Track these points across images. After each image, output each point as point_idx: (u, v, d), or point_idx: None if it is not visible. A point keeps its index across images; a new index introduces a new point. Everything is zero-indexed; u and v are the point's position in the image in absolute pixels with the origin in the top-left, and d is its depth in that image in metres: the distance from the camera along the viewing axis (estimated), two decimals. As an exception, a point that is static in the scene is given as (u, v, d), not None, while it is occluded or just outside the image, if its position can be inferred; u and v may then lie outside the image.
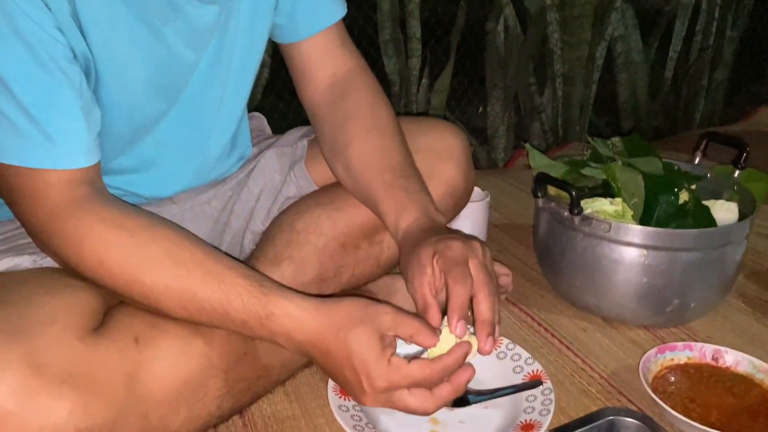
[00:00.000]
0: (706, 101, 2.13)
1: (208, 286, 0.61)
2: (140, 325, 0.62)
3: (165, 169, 0.80)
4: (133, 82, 0.68)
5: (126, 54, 0.66)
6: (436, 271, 0.66)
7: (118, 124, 0.72)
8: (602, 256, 0.90)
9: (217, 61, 0.75)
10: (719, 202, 0.95)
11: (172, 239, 0.63)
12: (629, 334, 0.92)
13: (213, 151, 0.84)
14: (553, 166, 1.02)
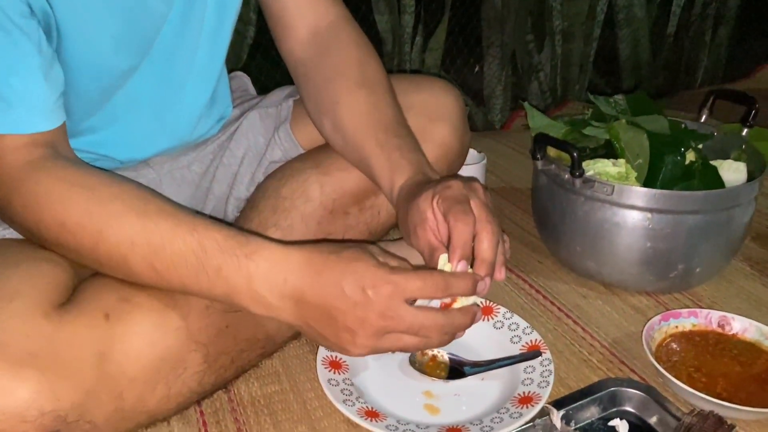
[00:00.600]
0: (709, 58, 2.07)
1: (178, 236, 0.56)
2: (111, 299, 0.58)
3: (139, 128, 0.75)
4: (98, 36, 0.63)
5: (89, 6, 0.60)
6: (437, 214, 0.62)
7: (85, 83, 0.67)
8: (604, 220, 0.86)
9: (189, 11, 0.70)
10: (727, 162, 0.90)
11: (136, 195, 0.59)
12: (631, 301, 0.89)
13: (189, 109, 0.79)
14: (553, 126, 0.97)
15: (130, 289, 0.59)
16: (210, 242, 0.56)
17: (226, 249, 0.56)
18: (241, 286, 0.57)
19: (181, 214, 0.58)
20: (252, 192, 0.83)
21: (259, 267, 0.56)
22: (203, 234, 0.57)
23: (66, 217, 0.56)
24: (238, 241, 0.57)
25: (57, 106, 0.58)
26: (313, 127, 0.84)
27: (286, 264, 0.57)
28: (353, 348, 0.57)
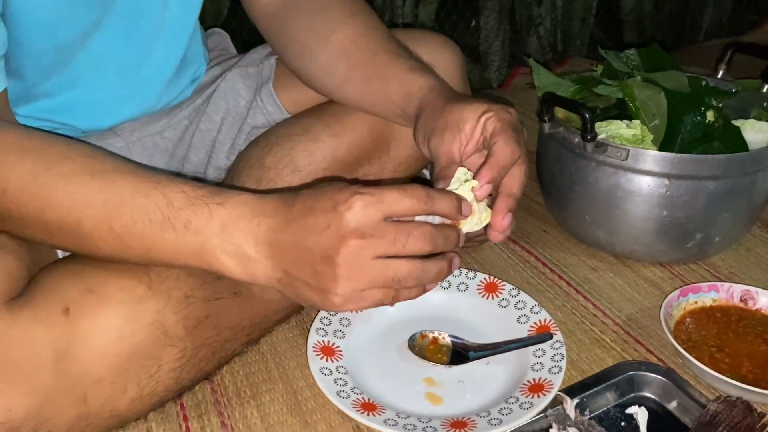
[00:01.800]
0: (714, 11, 1.97)
1: (140, 191, 0.50)
2: (72, 291, 0.51)
3: (102, 92, 0.67)
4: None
5: None
6: (475, 134, 0.58)
7: (37, 40, 0.59)
8: (617, 186, 0.79)
9: None
10: (749, 121, 0.83)
11: (88, 153, 0.52)
12: (645, 273, 0.83)
13: (158, 70, 0.71)
14: (560, 84, 0.89)
15: (97, 278, 0.52)
16: (176, 194, 0.50)
17: (195, 199, 0.50)
18: (213, 238, 0.50)
19: (140, 171, 0.51)
20: (233, 161, 0.75)
21: (233, 213, 0.50)
22: (168, 187, 0.50)
23: (7, 185, 0.49)
24: (209, 191, 0.51)
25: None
26: (299, 89, 0.76)
27: (259, 206, 0.50)
28: (335, 285, 0.48)
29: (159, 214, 0.49)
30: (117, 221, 0.49)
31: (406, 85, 0.64)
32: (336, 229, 0.47)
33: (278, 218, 0.50)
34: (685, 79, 0.83)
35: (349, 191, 0.48)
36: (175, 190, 0.50)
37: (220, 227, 0.50)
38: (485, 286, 0.75)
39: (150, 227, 0.49)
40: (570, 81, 0.91)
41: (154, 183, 0.50)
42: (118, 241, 0.50)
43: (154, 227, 0.49)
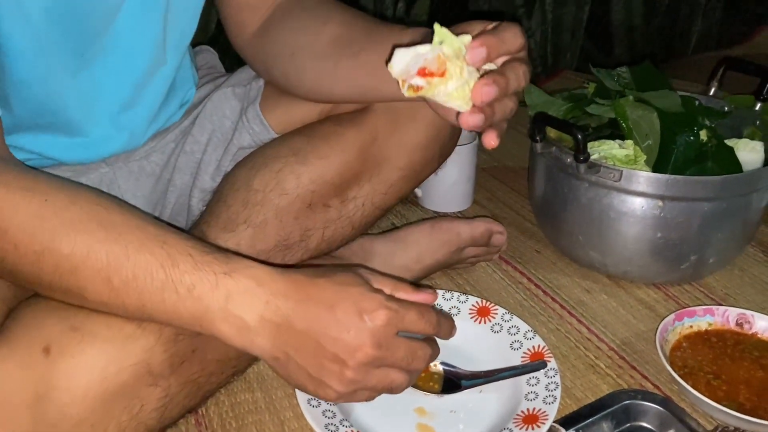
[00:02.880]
0: (703, 22, 1.98)
1: (145, 247, 0.48)
2: (55, 329, 0.48)
3: (90, 131, 0.65)
4: (33, 17, 0.53)
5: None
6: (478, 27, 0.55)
7: (22, 72, 0.57)
8: (610, 207, 0.78)
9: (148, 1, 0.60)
10: (743, 141, 0.82)
11: (98, 201, 0.50)
12: (639, 294, 0.82)
13: (148, 102, 0.69)
14: (552, 103, 0.88)
15: (82, 315, 0.50)
16: (183, 257, 0.49)
17: (202, 264, 0.49)
18: (216, 307, 0.49)
19: (149, 225, 0.50)
20: (219, 183, 0.73)
21: (239, 286, 0.49)
22: (176, 247, 0.49)
23: (9, 225, 0.47)
24: (216, 257, 0.50)
25: None
26: (287, 108, 0.75)
27: (270, 284, 0.49)
28: (337, 383, 0.50)
29: (162, 274, 0.48)
30: (117, 274, 0.48)
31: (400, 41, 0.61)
32: (356, 337, 0.49)
33: (291, 302, 0.49)
34: (677, 98, 0.83)
35: (375, 301, 0.50)
36: (181, 251, 0.49)
37: (224, 297, 0.48)
38: (477, 310, 0.73)
39: (150, 285, 0.48)
40: (561, 99, 0.90)
41: (161, 241, 0.49)
42: (113, 294, 0.48)
43: (155, 286, 0.48)
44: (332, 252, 0.74)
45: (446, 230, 0.80)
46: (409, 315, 0.50)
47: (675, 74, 1.60)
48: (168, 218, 0.76)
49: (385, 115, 0.70)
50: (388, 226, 0.96)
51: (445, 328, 0.55)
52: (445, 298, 0.74)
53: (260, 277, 0.49)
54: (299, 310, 0.49)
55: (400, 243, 0.79)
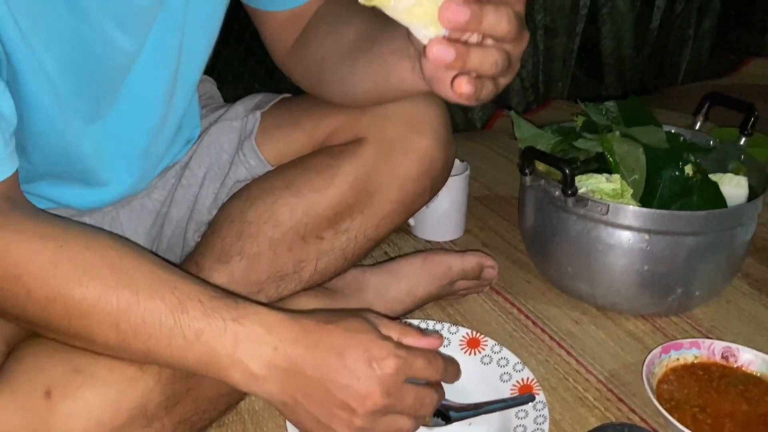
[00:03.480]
0: (692, 52, 2.02)
1: (156, 293, 0.49)
2: (57, 371, 0.49)
3: (104, 179, 0.67)
4: (50, 71, 0.54)
5: (38, 37, 0.51)
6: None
7: (39, 124, 0.57)
8: (598, 240, 0.80)
9: (163, 46, 0.61)
10: (727, 176, 0.84)
11: (112, 246, 0.51)
12: (627, 326, 0.83)
13: (160, 149, 0.71)
14: (541, 136, 0.90)
15: (85, 356, 0.51)
16: (193, 302, 0.49)
17: (211, 311, 0.49)
18: (224, 353, 0.50)
19: (160, 270, 0.51)
20: (214, 215, 0.75)
21: (248, 332, 0.49)
22: (186, 292, 0.50)
23: (23, 272, 0.48)
24: (225, 303, 0.50)
25: (9, 152, 0.49)
26: (283, 141, 0.76)
27: (279, 330, 0.50)
28: (346, 430, 0.50)
29: (171, 319, 0.48)
30: (125, 319, 0.48)
31: None
32: (365, 385, 0.49)
33: (300, 349, 0.50)
34: (663, 134, 0.85)
35: (385, 349, 0.50)
36: (191, 297, 0.49)
37: (232, 343, 0.49)
38: (467, 341, 0.75)
39: (158, 330, 0.48)
40: (551, 132, 0.92)
41: (171, 286, 0.49)
42: (120, 338, 0.49)
43: (163, 331, 0.48)
44: (325, 283, 0.76)
45: (438, 264, 0.81)
46: (417, 362, 0.51)
47: (664, 104, 1.63)
48: (163, 251, 0.77)
49: (378, 147, 0.72)
50: (381, 254, 0.97)
51: (451, 373, 0.56)
52: (435, 329, 0.75)
53: (269, 322, 0.50)
54: (308, 357, 0.49)
55: (393, 275, 0.80)
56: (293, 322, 0.51)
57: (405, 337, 0.54)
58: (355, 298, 0.78)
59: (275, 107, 0.78)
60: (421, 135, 0.72)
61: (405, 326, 0.55)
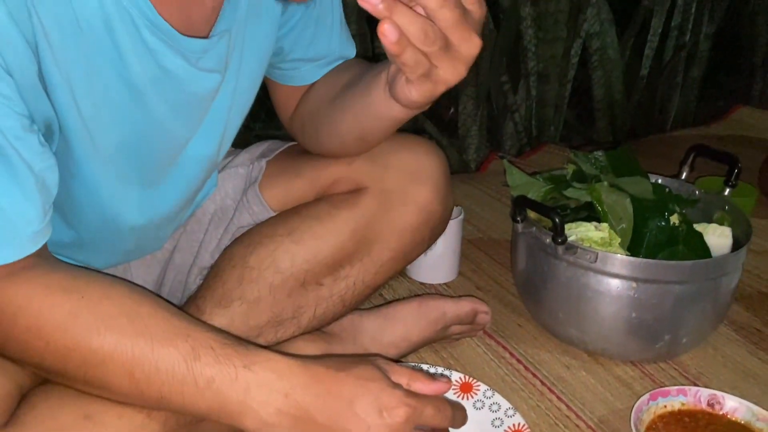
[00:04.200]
0: (681, 99, 2.08)
1: (170, 341, 0.51)
2: (68, 417, 0.51)
3: (136, 246, 0.70)
4: (105, 153, 0.57)
5: (98, 121, 0.54)
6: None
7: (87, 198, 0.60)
8: (588, 287, 0.82)
9: (212, 129, 0.65)
10: (712, 226, 0.88)
11: (129, 296, 0.53)
12: (616, 372, 0.85)
13: (188, 211, 0.75)
14: (532, 184, 0.94)
15: (96, 404, 0.53)
16: (205, 350, 0.51)
17: (223, 358, 0.51)
18: (234, 400, 0.51)
19: (175, 318, 0.53)
20: (216, 259, 0.77)
21: (259, 379, 0.51)
22: (199, 340, 0.51)
23: (44, 323, 0.50)
24: (236, 350, 0.52)
25: (46, 223, 0.51)
26: (286, 188, 0.79)
27: (289, 377, 0.51)
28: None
29: (183, 367, 0.50)
30: (140, 368, 0.50)
31: None
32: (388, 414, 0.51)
33: (310, 396, 0.51)
34: (649, 185, 0.88)
35: (395, 398, 0.51)
36: (204, 344, 0.51)
37: (243, 390, 0.51)
38: (460, 386, 0.76)
39: (171, 378, 0.50)
40: (542, 180, 0.95)
41: (185, 334, 0.51)
42: (133, 386, 0.50)
43: (175, 379, 0.50)
44: (323, 328, 0.78)
45: (433, 309, 0.83)
46: (426, 410, 0.52)
47: (654, 150, 1.68)
48: (166, 294, 0.79)
49: (378, 197, 0.74)
50: (377, 296, 0.99)
51: (459, 419, 0.57)
52: (429, 372, 0.77)
53: (280, 369, 0.51)
54: (319, 404, 0.51)
55: (389, 320, 0.82)
56: (304, 368, 0.52)
57: (414, 383, 0.55)
58: (352, 342, 0.80)
59: (280, 155, 0.81)
60: (420, 186, 0.75)
61: (414, 371, 0.56)
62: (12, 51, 0.45)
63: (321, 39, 0.73)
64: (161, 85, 0.56)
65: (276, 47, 0.70)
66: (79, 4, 0.48)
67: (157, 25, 0.52)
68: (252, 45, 0.64)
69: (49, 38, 0.48)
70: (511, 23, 1.69)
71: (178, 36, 0.54)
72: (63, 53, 0.49)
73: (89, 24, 0.49)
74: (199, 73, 0.58)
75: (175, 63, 0.55)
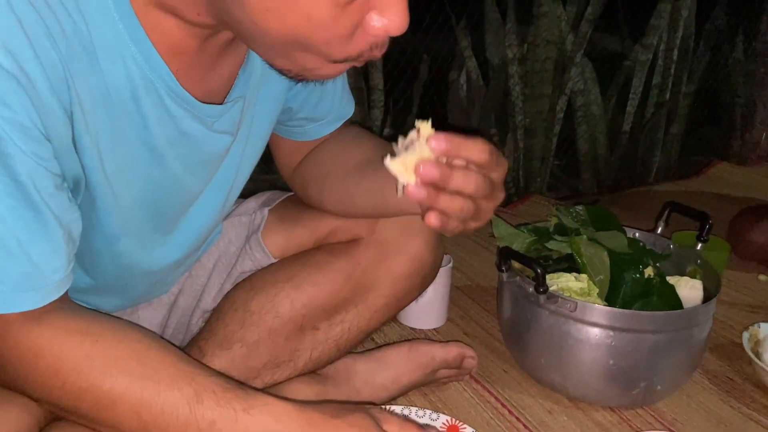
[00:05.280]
0: (662, 154, 2.17)
1: (176, 384, 0.54)
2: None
3: (146, 292, 0.75)
4: (124, 206, 0.62)
5: (120, 178, 0.60)
6: None
7: (104, 249, 0.65)
8: (568, 335, 0.87)
9: (222, 183, 0.71)
10: (684, 279, 0.93)
11: (140, 340, 0.57)
12: (596, 417, 0.89)
13: (195, 257, 0.80)
14: (517, 236, 0.99)
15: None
16: (208, 393, 0.55)
17: (225, 401, 0.55)
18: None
19: (182, 362, 0.56)
20: (219, 302, 0.81)
21: (257, 423, 0.55)
22: (203, 384, 0.55)
23: (62, 366, 0.54)
24: (237, 394, 0.55)
25: (69, 272, 0.56)
26: (286, 236, 0.84)
27: (287, 422, 0.55)
28: None
29: (186, 409, 0.53)
30: (147, 410, 0.53)
31: None
32: None
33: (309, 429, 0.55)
34: (625, 240, 0.94)
35: None
36: (207, 388, 0.54)
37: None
38: (447, 428, 0.80)
39: (175, 420, 0.53)
40: (526, 232, 1.01)
41: (190, 378, 0.54)
42: (141, 426, 0.54)
43: (180, 420, 0.53)
44: (318, 370, 0.82)
45: (423, 353, 0.88)
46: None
47: (636, 203, 1.75)
48: (169, 336, 0.83)
49: (374, 248, 0.80)
50: (368, 341, 1.03)
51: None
52: (417, 415, 0.81)
53: (278, 413, 0.55)
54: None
55: (381, 363, 0.87)
56: (300, 413, 0.56)
57: None
58: (345, 384, 0.84)
59: (281, 205, 0.86)
60: (413, 238, 0.80)
61: (405, 421, 0.59)
62: (51, 119, 0.51)
63: (327, 98, 0.79)
64: (179, 147, 0.62)
65: (285, 107, 0.76)
66: (110, 76, 0.54)
67: (179, 94, 0.58)
68: (263, 107, 0.70)
69: (83, 107, 0.53)
70: (500, 80, 1.78)
71: (197, 103, 0.60)
72: (93, 118, 0.55)
73: (118, 93, 0.55)
74: (214, 135, 0.64)
75: (193, 127, 0.61)
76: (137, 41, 0.54)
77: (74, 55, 0.51)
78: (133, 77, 0.55)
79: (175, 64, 0.57)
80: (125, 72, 0.55)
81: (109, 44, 0.53)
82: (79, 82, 0.52)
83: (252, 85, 0.67)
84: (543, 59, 1.76)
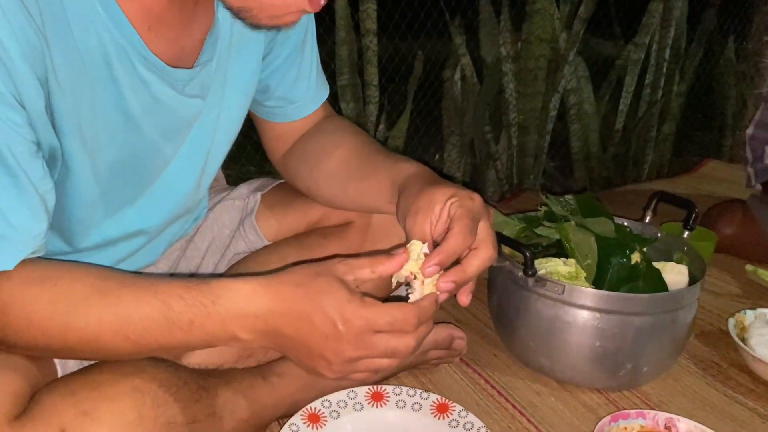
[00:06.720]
0: (655, 153, 2.19)
1: (142, 301, 0.56)
2: (69, 413, 0.56)
3: (123, 259, 0.76)
4: (102, 172, 0.64)
5: (97, 145, 0.62)
6: (443, 214, 0.64)
7: (79, 214, 0.67)
8: (556, 318, 0.89)
9: (195, 150, 0.72)
10: (669, 264, 0.95)
11: (95, 274, 0.58)
12: (583, 398, 0.91)
13: (176, 228, 0.81)
14: (507, 223, 1.01)
15: (91, 401, 0.58)
16: (174, 299, 0.57)
17: (191, 300, 0.57)
18: (218, 330, 0.58)
19: (140, 281, 0.58)
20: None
21: (228, 310, 0.57)
22: (166, 293, 0.57)
23: (32, 315, 0.55)
24: (201, 290, 0.58)
25: (42, 241, 0.57)
26: (279, 219, 0.86)
27: (254, 302, 0.57)
28: (328, 373, 0.59)
29: (163, 320, 0.56)
30: (131, 332, 0.56)
31: (392, 175, 0.73)
32: (335, 342, 0.57)
33: (275, 316, 0.57)
34: (612, 225, 0.96)
35: (348, 311, 0.56)
36: (172, 294, 0.56)
37: (220, 322, 0.57)
38: (437, 406, 0.82)
39: (159, 331, 0.56)
40: (516, 220, 1.03)
41: (153, 291, 0.56)
42: (135, 346, 0.57)
43: (163, 330, 0.56)
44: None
45: (412, 334, 0.89)
46: (381, 319, 0.57)
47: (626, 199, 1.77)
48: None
49: (366, 231, 0.82)
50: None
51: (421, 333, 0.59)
52: (409, 394, 0.83)
53: (244, 293, 0.57)
54: (284, 322, 0.57)
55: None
56: (266, 289, 0.58)
57: (377, 267, 0.60)
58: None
59: (274, 190, 0.88)
60: None
61: (373, 258, 0.60)
62: (25, 87, 0.52)
63: (303, 79, 0.82)
64: (153, 113, 0.64)
65: (262, 85, 0.79)
66: (83, 43, 0.56)
67: (149, 59, 0.60)
68: (236, 76, 0.72)
69: (57, 75, 0.55)
70: (494, 78, 1.80)
71: (166, 67, 0.62)
72: (70, 86, 0.56)
73: (92, 60, 0.57)
74: (185, 99, 0.66)
75: (163, 91, 0.63)
76: (106, 7, 0.56)
77: (47, 24, 0.52)
78: (104, 44, 0.57)
79: (145, 28, 0.59)
80: (97, 39, 0.56)
81: (80, 12, 0.54)
82: (54, 51, 0.54)
83: (220, 49, 0.68)
84: (536, 57, 1.78)
